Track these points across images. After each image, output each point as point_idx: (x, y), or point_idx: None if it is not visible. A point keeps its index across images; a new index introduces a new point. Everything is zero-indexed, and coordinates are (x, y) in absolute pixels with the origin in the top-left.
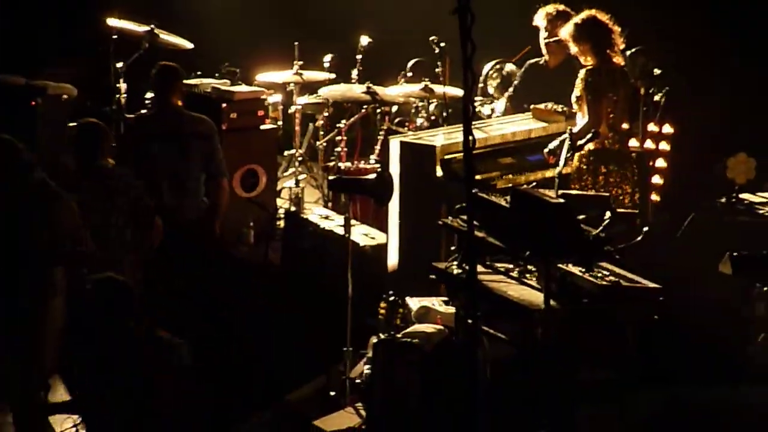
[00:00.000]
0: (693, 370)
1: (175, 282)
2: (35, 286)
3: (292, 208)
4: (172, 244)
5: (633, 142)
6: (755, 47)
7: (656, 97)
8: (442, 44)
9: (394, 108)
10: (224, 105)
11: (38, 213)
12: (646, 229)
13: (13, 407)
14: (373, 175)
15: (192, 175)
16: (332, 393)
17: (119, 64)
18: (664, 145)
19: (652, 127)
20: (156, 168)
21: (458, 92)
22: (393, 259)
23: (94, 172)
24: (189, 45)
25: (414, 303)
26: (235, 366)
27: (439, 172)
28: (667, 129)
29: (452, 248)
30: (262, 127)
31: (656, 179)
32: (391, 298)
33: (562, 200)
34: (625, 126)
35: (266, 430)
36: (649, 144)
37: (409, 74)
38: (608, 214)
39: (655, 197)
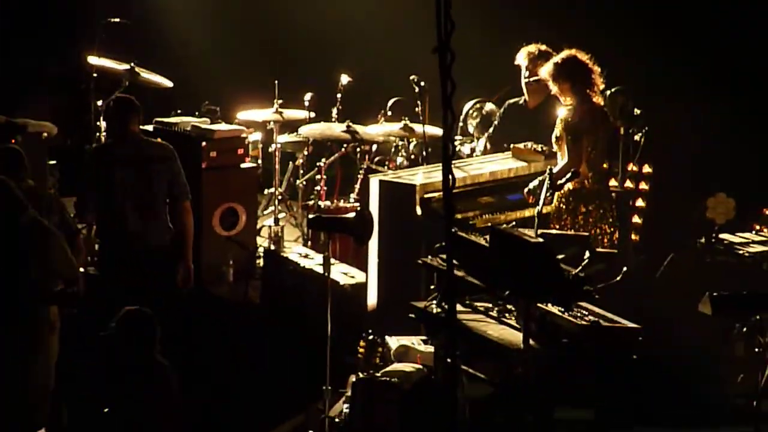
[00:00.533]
0: (672, 410)
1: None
2: (30, 325)
3: (272, 247)
4: (141, 271)
5: (612, 182)
6: (735, 87)
7: (636, 137)
8: (422, 83)
9: (374, 147)
10: (204, 143)
11: (30, 252)
12: (625, 269)
13: None
14: (352, 214)
15: (157, 198)
16: None
17: (99, 102)
18: (643, 185)
19: (631, 166)
20: (121, 194)
21: (438, 131)
22: (372, 298)
23: None
24: (169, 83)
25: (393, 342)
26: (214, 403)
27: (419, 211)
28: (647, 169)
29: (431, 287)
30: (242, 165)
31: (635, 219)
32: (371, 337)
33: (541, 240)
34: (604, 166)
35: None
36: (628, 184)
37: (389, 113)
38: (587, 253)
39: (634, 237)
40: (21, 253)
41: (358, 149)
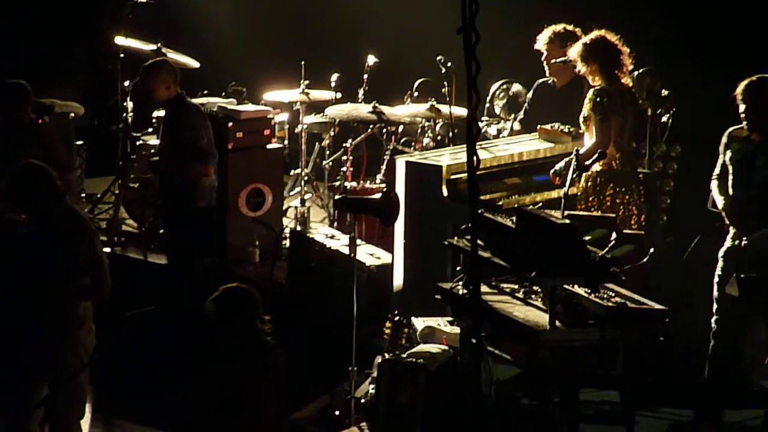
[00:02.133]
0: (697, 392)
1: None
2: (56, 318)
3: (298, 228)
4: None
5: (640, 164)
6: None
7: (663, 118)
8: (449, 64)
9: (401, 128)
10: (230, 124)
11: (59, 245)
12: (652, 250)
13: None
14: (379, 195)
15: None
16: (337, 412)
17: (126, 83)
18: (671, 166)
19: (659, 147)
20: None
21: (465, 112)
22: (398, 279)
23: None
24: (196, 64)
25: (419, 323)
26: None
27: (445, 192)
28: (675, 150)
29: (458, 268)
30: (268, 146)
31: (663, 200)
32: (396, 318)
33: (568, 221)
34: (632, 147)
35: None
36: (656, 165)
37: (416, 94)
38: (614, 235)
39: (661, 219)
40: (50, 245)
41: (385, 130)
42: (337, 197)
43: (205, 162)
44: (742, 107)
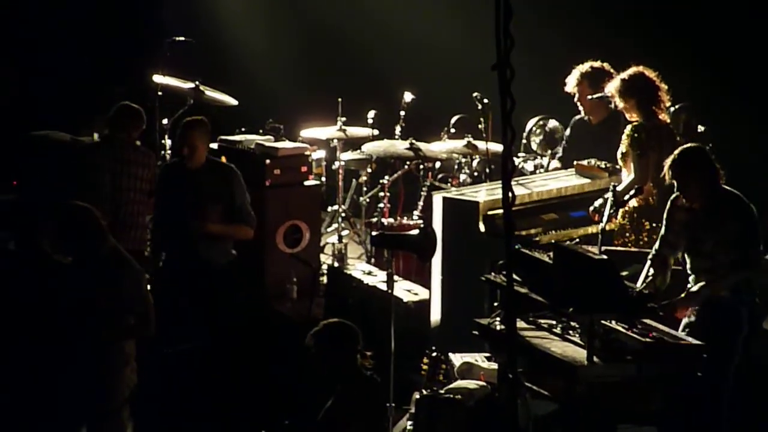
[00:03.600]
0: (738, 427)
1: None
2: (103, 357)
3: (336, 264)
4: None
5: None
6: None
7: None
8: (485, 100)
9: (437, 164)
10: (268, 161)
11: (105, 284)
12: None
13: None
14: (416, 231)
15: None
16: None
17: (164, 121)
18: None
19: None
20: None
21: (501, 148)
22: (436, 315)
23: None
24: (233, 101)
25: (457, 359)
26: (279, 420)
27: (482, 228)
28: None
29: (495, 304)
30: (306, 183)
31: None
32: (434, 354)
33: (605, 257)
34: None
35: None
36: None
37: (452, 130)
38: (652, 270)
39: None
40: (97, 285)
41: (422, 166)
42: (374, 233)
43: (250, 225)
44: (674, 182)
